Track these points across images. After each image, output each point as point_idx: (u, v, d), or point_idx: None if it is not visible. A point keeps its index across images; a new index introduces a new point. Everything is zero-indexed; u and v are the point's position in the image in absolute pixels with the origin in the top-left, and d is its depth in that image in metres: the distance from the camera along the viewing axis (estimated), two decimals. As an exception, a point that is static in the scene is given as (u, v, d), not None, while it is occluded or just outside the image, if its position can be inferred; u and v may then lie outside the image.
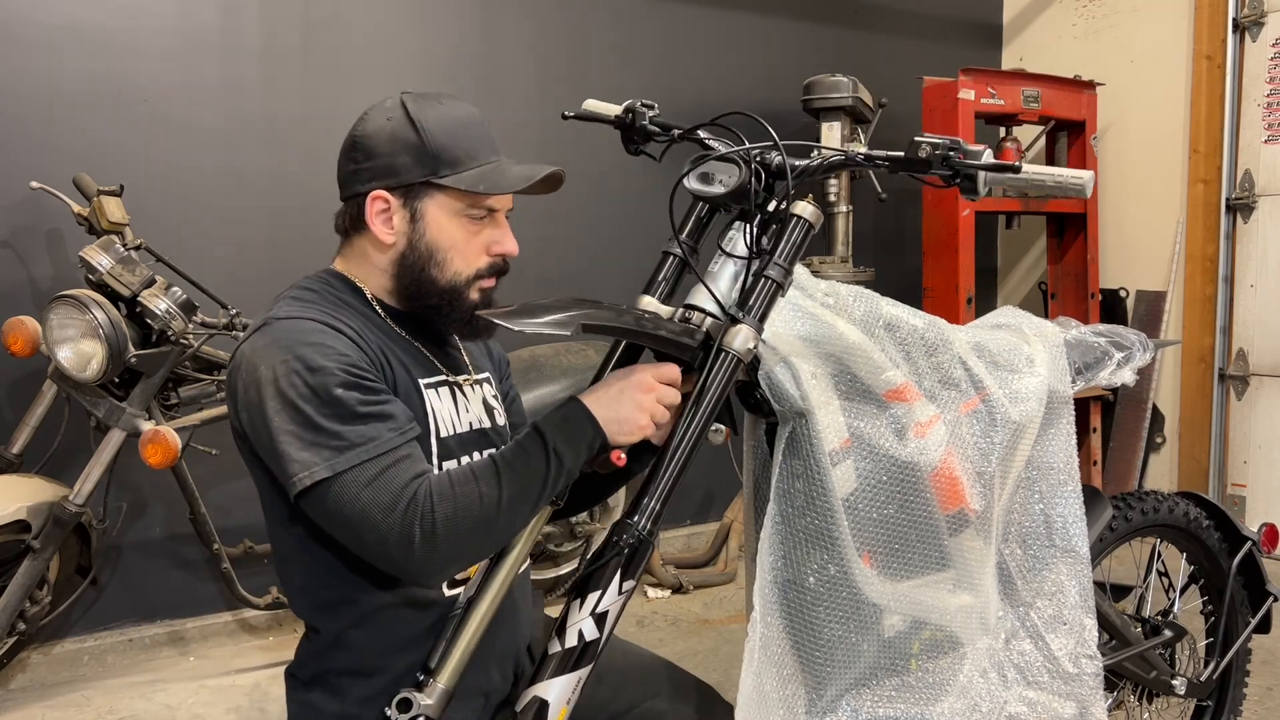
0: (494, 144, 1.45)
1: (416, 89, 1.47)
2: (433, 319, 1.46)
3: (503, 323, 1.23)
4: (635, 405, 1.31)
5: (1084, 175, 1.41)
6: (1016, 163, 1.39)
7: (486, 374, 1.59)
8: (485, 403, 1.53)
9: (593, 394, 1.33)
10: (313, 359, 1.27)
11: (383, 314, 1.44)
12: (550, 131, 3.65)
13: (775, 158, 1.43)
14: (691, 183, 1.42)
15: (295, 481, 1.23)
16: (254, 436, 1.30)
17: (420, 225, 1.40)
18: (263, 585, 3.05)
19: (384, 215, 1.40)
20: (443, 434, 1.42)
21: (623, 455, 1.33)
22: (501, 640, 1.47)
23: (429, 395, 1.42)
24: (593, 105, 1.67)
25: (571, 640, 1.27)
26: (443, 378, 1.46)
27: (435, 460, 1.39)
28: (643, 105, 1.61)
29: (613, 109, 1.63)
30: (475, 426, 1.48)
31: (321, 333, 1.31)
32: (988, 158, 1.36)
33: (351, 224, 1.44)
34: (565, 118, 1.67)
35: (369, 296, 1.44)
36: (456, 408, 1.46)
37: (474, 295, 1.44)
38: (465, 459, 1.43)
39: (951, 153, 1.37)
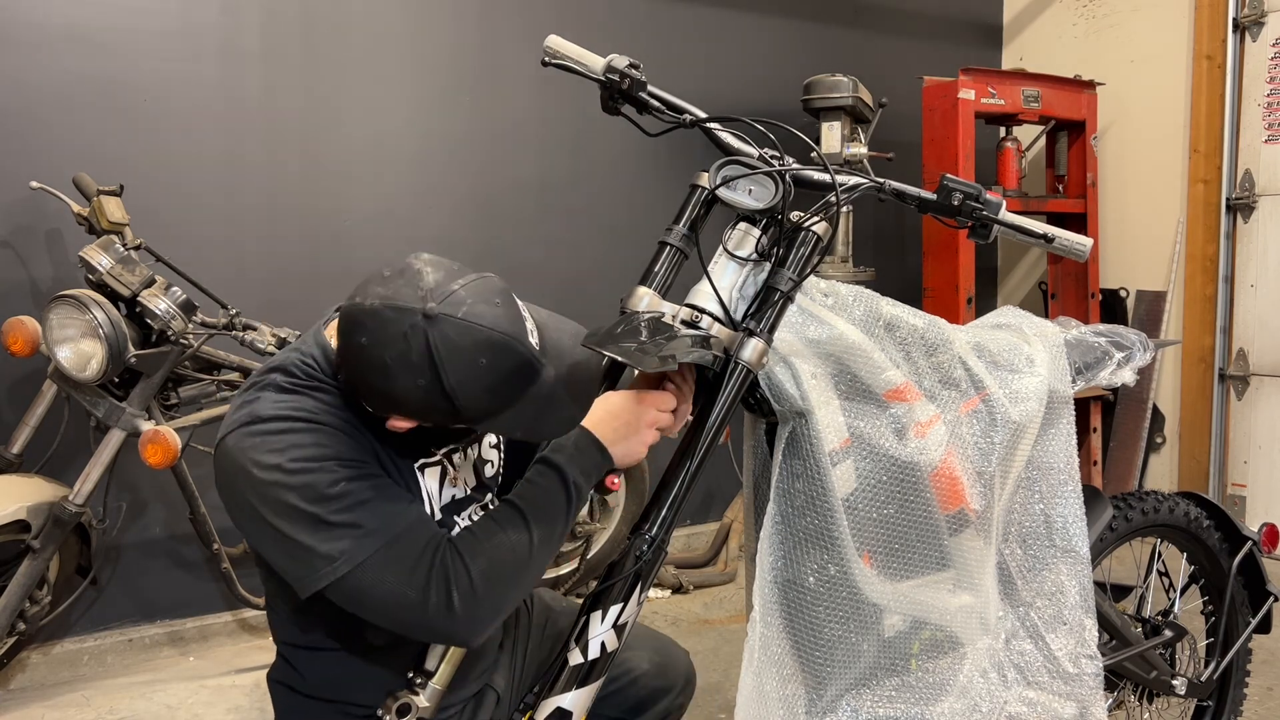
0: (531, 357, 1.22)
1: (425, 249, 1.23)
2: None
3: (611, 354, 1.24)
4: (643, 441, 1.35)
5: (1085, 241, 1.47)
6: (1027, 223, 1.44)
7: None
8: (474, 464, 1.49)
9: (600, 421, 1.34)
10: (308, 463, 1.21)
11: None
12: (551, 131, 3.66)
13: (807, 174, 1.43)
14: (723, 192, 1.40)
15: (317, 579, 1.19)
16: (255, 539, 1.25)
17: None
18: (262, 585, 3.04)
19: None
20: (434, 509, 1.38)
21: (617, 480, 1.38)
22: (508, 648, 1.47)
23: (421, 477, 1.37)
24: (563, 46, 1.58)
25: (594, 652, 1.29)
26: (433, 459, 1.39)
27: None
28: (631, 66, 1.53)
29: (595, 61, 1.54)
30: (464, 493, 1.44)
31: (313, 431, 1.24)
32: (1004, 211, 1.43)
33: None
34: (545, 64, 1.59)
35: None
36: (442, 483, 1.40)
37: None
38: (460, 519, 1.40)
39: (973, 202, 1.42)
